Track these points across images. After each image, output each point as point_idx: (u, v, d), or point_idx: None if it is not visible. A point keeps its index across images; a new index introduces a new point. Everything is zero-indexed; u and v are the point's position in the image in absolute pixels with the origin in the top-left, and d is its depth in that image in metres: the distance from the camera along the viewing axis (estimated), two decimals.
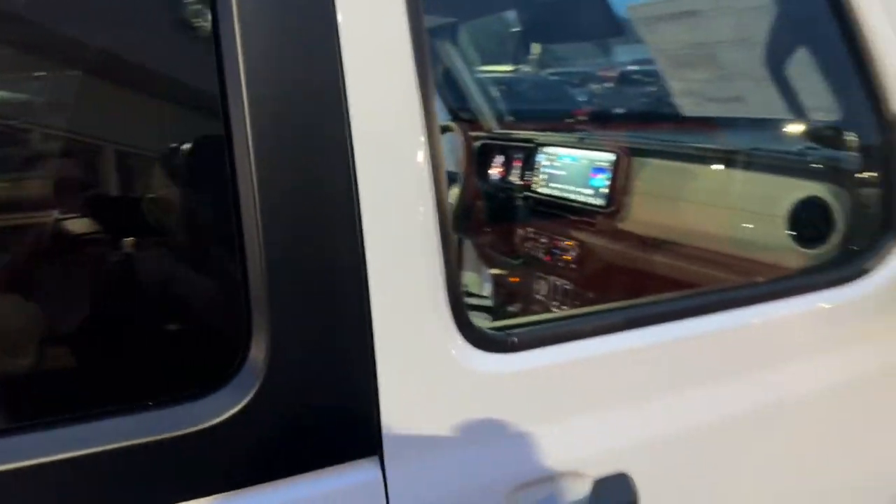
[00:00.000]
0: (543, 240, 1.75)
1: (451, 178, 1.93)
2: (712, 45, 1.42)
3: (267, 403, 0.66)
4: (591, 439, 0.82)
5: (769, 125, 1.48)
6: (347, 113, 0.67)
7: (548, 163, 1.84)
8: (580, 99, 2.90)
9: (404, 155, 0.71)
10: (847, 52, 1.03)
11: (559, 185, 1.78)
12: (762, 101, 1.42)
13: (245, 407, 0.65)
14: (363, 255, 0.68)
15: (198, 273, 0.77)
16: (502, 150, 2.09)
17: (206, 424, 0.64)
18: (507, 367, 0.78)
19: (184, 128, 0.77)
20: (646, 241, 1.55)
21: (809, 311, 0.98)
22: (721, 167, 1.53)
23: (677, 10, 1.44)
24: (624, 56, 2.58)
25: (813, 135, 1.28)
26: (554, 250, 1.72)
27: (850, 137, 1.15)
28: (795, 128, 1.40)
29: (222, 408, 0.65)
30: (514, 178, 2.00)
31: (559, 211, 1.76)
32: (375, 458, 0.72)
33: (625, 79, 2.98)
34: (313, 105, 0.66)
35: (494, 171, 2.10)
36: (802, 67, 1.23)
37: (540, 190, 1.84)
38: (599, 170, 1.65)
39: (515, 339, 0.78)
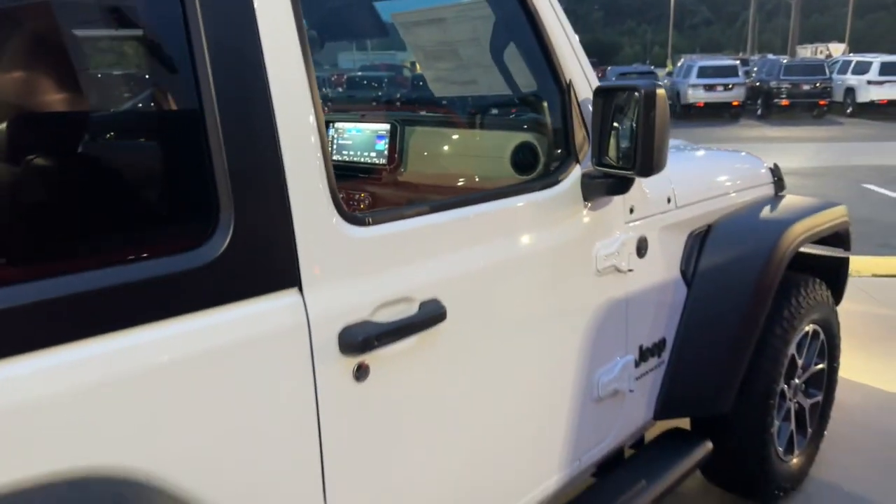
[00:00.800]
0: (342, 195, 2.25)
1: None
2: (454, 44, 2.04)
3: (233, 253, 1.09)
4: (418, 277, 1.35)
5: (495, 98, 2.15)
6: (268, 83, 1.13)
7: (337, 136, 2.35)
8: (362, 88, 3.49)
9: (302, 109, 1.18)
10: (538, 46, 1.68)
11: (349, 152, 2.30)
12: (489, 82, 2.08)
13: (220, 255, 1.08)
14: (283, 168, 1.14)
15: (187, 171, 1.16)
16: None
17: (199, 265, 1.06)
18: (366, 234, 1.28)
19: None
20: (419, 186, 2.13)
21: (530, 202, 1.62)
22: (465, 130, 2.17)
23: (428, 18, 2.03)
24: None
25: (522, 102, 1.95)
26: (351, 202, 2.23)
27: (544, 101, 1.82)
28: (511, 98, 2.07)
29: (207, 255, 1.07)
30: None
31: (352, 172, 2.27)
32: (296, 288, 1.18)
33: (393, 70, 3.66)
34: (249, 75, 1.11)
35: None
36: (513, 58, 1.89)
37: (335, 157, 2.34)
38: (381, 137, 2.20)
39: (370, 219, 1.29)
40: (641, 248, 1.96)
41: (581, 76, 1.73)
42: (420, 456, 1.43)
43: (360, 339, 1.23)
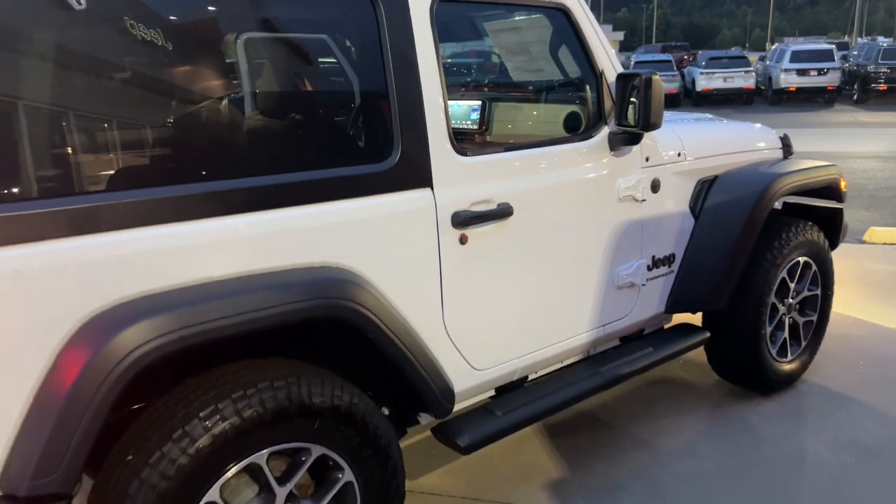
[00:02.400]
0: None
1: None
2: (525, 44, 2.95)
3: (400, 164, 2.05)
4: (496, 188, 2.27)
5: (551, 81, 3.06)
6: (419, 72, 2.08)
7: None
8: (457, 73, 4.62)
9: (436, 88, 2.12)
10: (580, 47, 2.57)
11: (454, 120, 3.25)
12: (548, 70, 2.98)
13: (395, 165, 2.04)
14: (425, 121, 2.09)
15: (381, 123, 2.12)
16: None
17: (385, 169, 2.03)
18: (466, 161, 2.22)
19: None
20: (502, 142, 3.05)
21: (572, 149, 2.51)
22: (531, 103, 3.08)
23: (509, 26, 2.95)
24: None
25: (570, 84, 2.84)
26: None
27: (585, 84, 2.70)
28: (562, 82, 2.97)
29: (388, 164, 2.03)
30: None
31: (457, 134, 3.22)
32: (429, 187, 2.13)
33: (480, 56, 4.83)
34: (410, 67, 2.06)
35: None
36: (564, 54, 2.78)
37: None
38: (475, 110, 3.13)
39: (469, 152, 2.22)
40: (655, 186, 2.81)
41: (609, 66, 2.60)
42: (496, 293, 2.35)
43: (461, 219, 2.17)
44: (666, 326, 3.20)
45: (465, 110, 3.19)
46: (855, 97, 21.05)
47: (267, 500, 1.85)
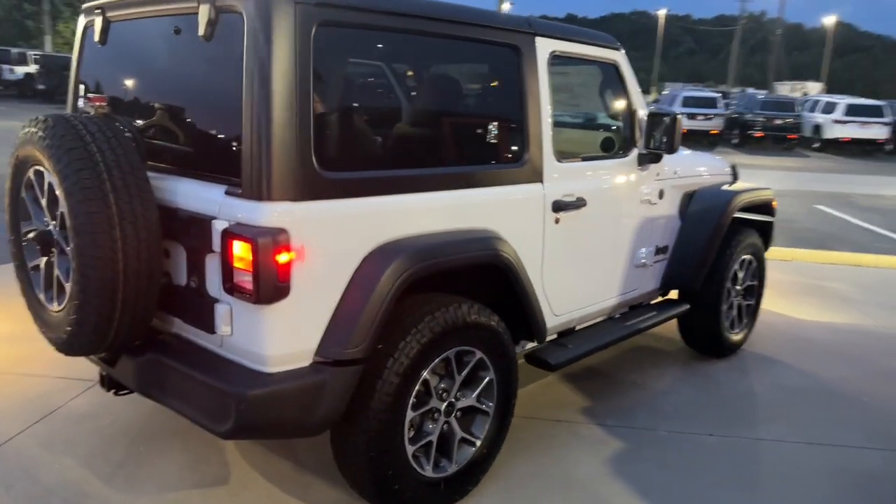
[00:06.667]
0: None
1: None
2: (574, 86, 3.98)
3: (528, 166, 3.01)
4: (575, 186, 3.27)
5: (598, 114, 4.12)
6: (528, 107, 3.06)
7: None
8: None
9: (546, 118, 3.11)
10: (623, 92, 3.62)
11: None
12: (596, 106, 4.04)
13: (524, 165, 2.99)
14: (542, 139, 3.06)
15: (517, 139, 3.07)
16: None
17: (518, 167, 2.98)
18: (561, 166, 3.21)
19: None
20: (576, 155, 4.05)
21: (615, 163, 3.56)
22: (584, 130, 4.12)
23: (565, 71, 3.98)
24: None
25: (612, 117, 3.89)
26: None
27: (623, 117, 3.76)
28: (606, 115, 4.03)
29: (521, 164, 2.99)
30: None
31: None
32: (541, 182, 3.09)
33: None
34: (525, 107, 3.03)
35: None
36: (609, 95, 3.83)
37: None
38: None
39: (562, 160, 3.21)
40: (661, 194, 3.91)
41: (642, 106, 3.67)
42: (571, 261, 3.33)
43: (558, 206, 3.15)
44: (652, 302, 4.30)
45: None
46: (735, 141, 23.66)
47: (448, 384, 2.73)
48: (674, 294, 4.37)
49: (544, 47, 3.10)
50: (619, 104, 3.71)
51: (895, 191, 14.10)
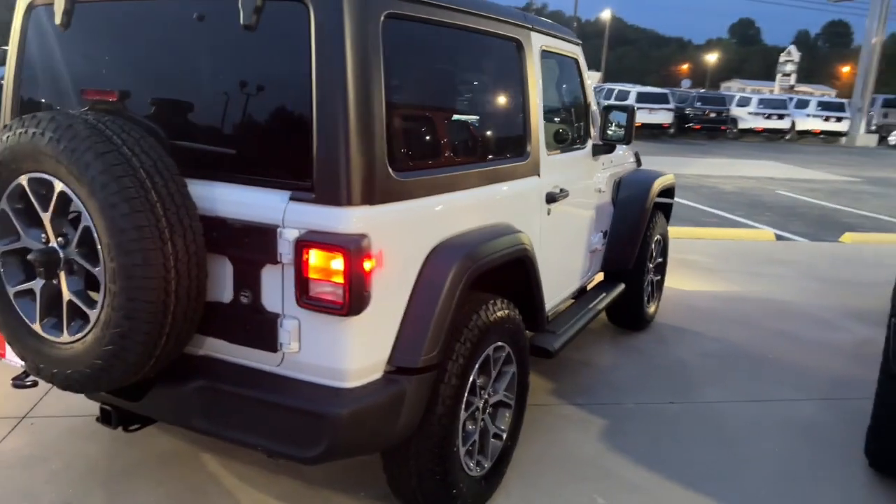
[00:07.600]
0: None
1: None
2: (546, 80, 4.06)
3: (530, 160, 3.05)
4: (558, 178, 3.38)
5: (553, 106, 4.24)
6: (529, 106, 3.11)
7: None
8: None
9: (539, 114, 3.17)
10: (580, 86, 3.78)
11: None
12: (558, 103, 4.16)
13: (527, 160, 3.03)
14: (533, 134, 3.12)
15: (520, 135, 3.08)
16: None
17: (522, 162, 3.02)
18: (553, 158, 3.29)
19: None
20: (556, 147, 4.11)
21: (573, 155, 3.72)
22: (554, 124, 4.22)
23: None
24: None
25: (567, 109, 4.04)
26: None
27: (578, 110, 3.91)
28: (563, 107, 4.16)
29: (525, 159, 3.03)
30: None
31: None
32: (538, 175, 3.16)
33: None
34: (522, 105, 3.08)
35: None
36: (566, 90, 3.96)
37: None
38: None
39: (552, 152, 3.30)
40: (606, 183, 4.14)
41: (594, 100, 3.85)
42: (557, 249, 3.43)
43: (549, 198, 3.23)
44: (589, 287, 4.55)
45: None
46: (672, 131, 25.56)
47: (484, 381, 2.72)
48: (599, 276, 4.66)
49: (537, 42, 3.16)
50: (578, 97, 3.87)
51: (690, 170, 15.88)
